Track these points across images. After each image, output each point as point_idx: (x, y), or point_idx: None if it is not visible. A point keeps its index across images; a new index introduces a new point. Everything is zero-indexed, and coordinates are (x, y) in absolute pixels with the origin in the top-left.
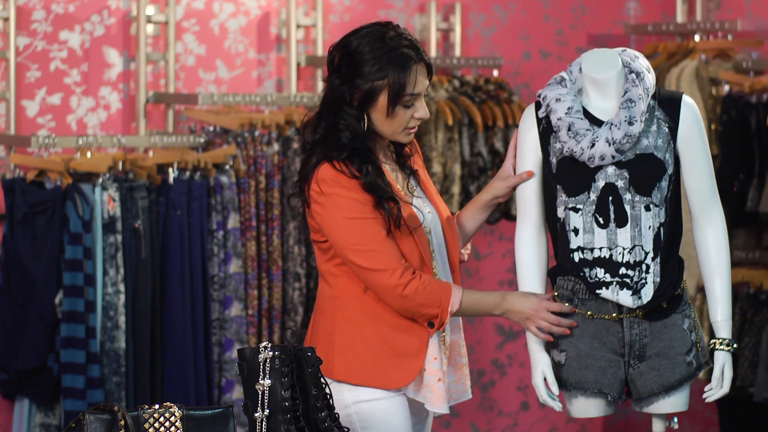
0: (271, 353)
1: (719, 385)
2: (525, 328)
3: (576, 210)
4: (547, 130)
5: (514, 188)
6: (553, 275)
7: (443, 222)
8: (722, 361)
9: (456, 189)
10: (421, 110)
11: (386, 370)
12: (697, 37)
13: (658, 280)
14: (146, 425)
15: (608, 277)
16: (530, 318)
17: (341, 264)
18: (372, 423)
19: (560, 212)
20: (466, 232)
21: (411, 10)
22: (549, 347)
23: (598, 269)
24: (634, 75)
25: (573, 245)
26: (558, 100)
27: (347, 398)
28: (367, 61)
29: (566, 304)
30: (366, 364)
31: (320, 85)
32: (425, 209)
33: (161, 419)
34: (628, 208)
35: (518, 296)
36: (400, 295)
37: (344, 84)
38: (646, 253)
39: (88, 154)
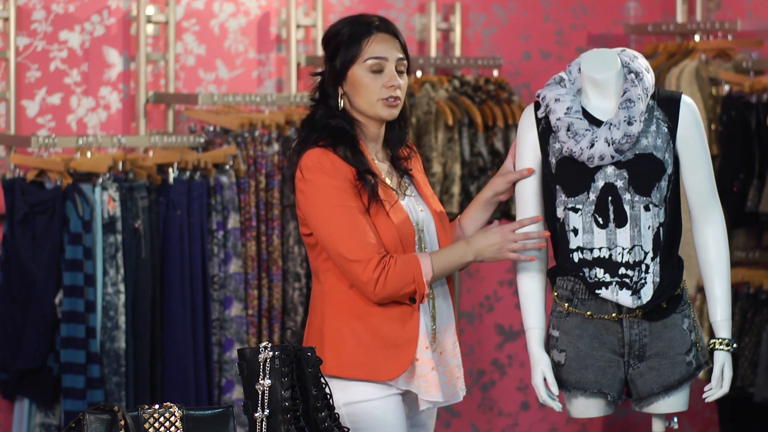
0: (271, 353)
1: (719, 385)
2: (503, 258)
3: (575, 210)
4: (546, 131)
5: (515, 185)
6: (552, 275)
7: (436, 221)
8: (722, 361)
9: (456, 189)
10: (394, 79)
11: (378, 361)
12: (697, 37)
13: (658, 280)
14: (146, 425)
15: (608, 277)
16: (501, 246)
17: (329, 259)
18: (363, 425)
19: (560, 212)
20: (470, 232)
21: (411, 10)
22: (549, 347)
23: (598, 269)
24: (633, 75)
25: (572, 245)
26: (557, 100)
27: (338, 399)
28: (335, 37)
29: (532, 219)
30: (357, 357)
31: None
32: (417, 207)
33: (161, 419)
34: (627, 208)
35: (481, 234)
36: (373, 291)
37: (324, 69)
38: (646, 253)
39: (88, 154)
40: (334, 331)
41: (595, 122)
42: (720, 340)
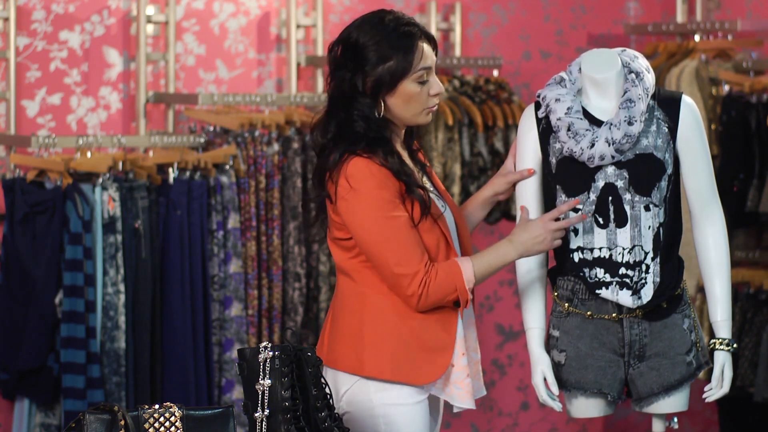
0: (271, 353)
1: (719, 385)
2: (551, 248)
3: (576, 210)
4: (546, 131)
5: (515, 186)
6: (552, 275)
7: (456, 217)
8: (722, 361)
9: (456, 189)
10: (436, 86)
11: (417, 364)
12: (697, 37)
13: (658, 280)
14: (146, 425)
15: (608, 277)
16: (546, 237)
17: (368, 260)
18: (398, 427)
19: None
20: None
21: (411, 10)
22: (549, 347)
23: (598, 269)
24: (633, 75)
25: (573, 245)
26: (557, 100)
27: (374, 400)
28: (371, 47)
29: (573, 213)
30: (397, 359)
31: (320, 85)
32: (439, 203)
33: (161, 419)
34: (627, 208)
35: (521, 230)
36: (416, 305)
37: (354, 75)
38: (646, 253)
39: (88, 154)
40: (374, 332)
41: (596, 122)
42: (720, 340)
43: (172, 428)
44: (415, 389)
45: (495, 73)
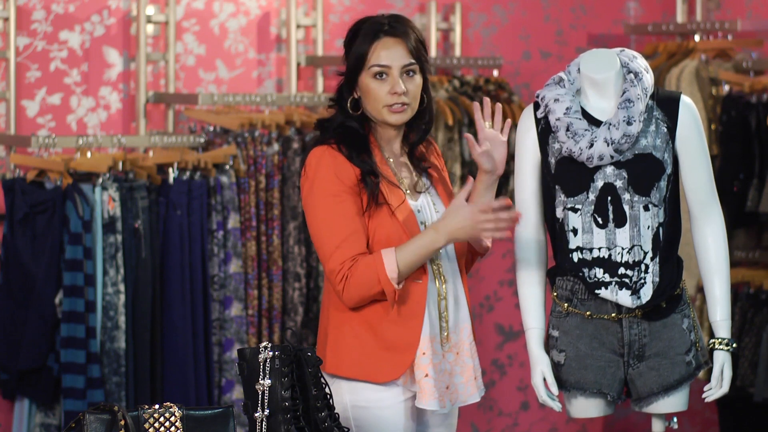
0: (271, 353)
1: (719, 385)
2: (477, 238)
3: (575, 210)
4: (545, 131)
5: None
6: (552, 275)
7: None
8: (722, 360)
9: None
10: (397, 86)
11: (377, 363)
12: (697, 37)
13: (657, 279)
14: (146, 425)
15: (607, 277)
16: (473, 226)
17: None
18: (366, 428)
19: (559, 212)
20: None
21: (411, 10)
22: (548, 347)
23: (597, 269)
24: (632, 75)
25: (572, 245)
26: (556, 100)
27: (347, 401)
28: (348, 39)
29: (498, 203)
30: (355, 357)
31: (320, 85)
32: (433, 207)
33: (161, 419)
34: (626, 208)
35: (449, 216)
36: (342, 298)
37: (344, 70)
38: (645, 253)
39: (88, 154)
40: (336, 331)
41: (595, 122)
42: (719, 340)
43: (172, 428)
44: (385, 390)
45: (495, 73)
